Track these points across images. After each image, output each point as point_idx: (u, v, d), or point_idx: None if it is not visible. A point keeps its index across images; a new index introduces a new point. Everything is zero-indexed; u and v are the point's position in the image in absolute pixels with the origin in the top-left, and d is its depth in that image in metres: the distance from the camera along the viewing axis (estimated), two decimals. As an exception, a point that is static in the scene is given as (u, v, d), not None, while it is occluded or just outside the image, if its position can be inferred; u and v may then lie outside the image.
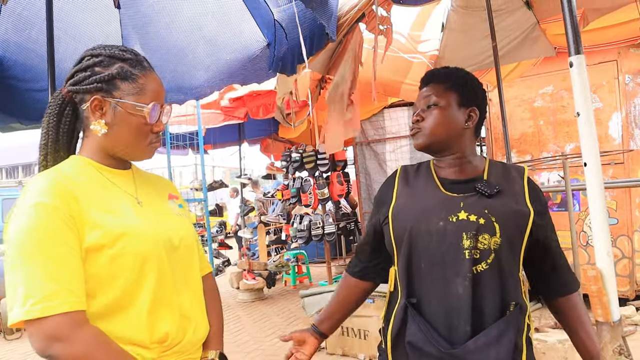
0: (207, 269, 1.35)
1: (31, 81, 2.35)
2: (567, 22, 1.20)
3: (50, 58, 1.79)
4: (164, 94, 1.19)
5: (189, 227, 1.25)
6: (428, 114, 1.30)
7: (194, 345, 1.17)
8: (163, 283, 1.08)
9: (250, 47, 2.52)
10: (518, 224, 1.22)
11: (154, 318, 1.06)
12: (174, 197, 1.30)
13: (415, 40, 3.98)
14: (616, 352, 1.09)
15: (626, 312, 4.20)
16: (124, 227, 1.04)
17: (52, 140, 1.15)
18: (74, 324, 0.94)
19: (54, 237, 0.96)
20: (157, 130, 1.15)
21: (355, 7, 2.54)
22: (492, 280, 1.19)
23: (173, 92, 2.70)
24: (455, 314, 1.18)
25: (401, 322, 1.24)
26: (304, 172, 5.57)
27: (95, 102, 1.10)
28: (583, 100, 1.15)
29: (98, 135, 1.11)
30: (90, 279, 1.00)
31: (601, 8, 3.08)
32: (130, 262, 1.03)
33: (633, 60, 4.41)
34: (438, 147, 1.31)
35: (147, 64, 1.16)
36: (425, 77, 1.38)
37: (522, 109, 5.00)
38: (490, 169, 1.32)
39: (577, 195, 4.66)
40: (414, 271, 1.25)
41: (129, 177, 1.20)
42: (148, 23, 2.36)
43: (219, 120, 5.70)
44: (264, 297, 6.65)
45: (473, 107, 1.31)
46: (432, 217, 1.23)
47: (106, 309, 1.02)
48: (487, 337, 1.14)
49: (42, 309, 0.91)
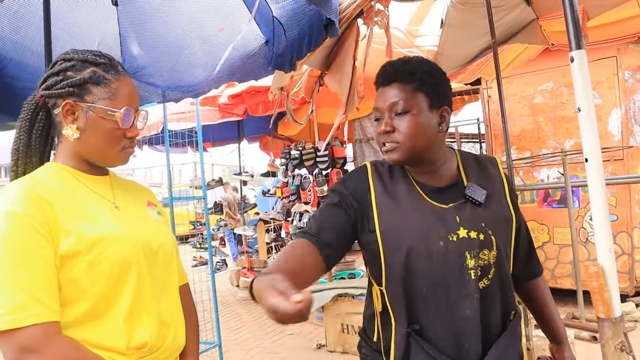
0: (184, 280, 1.33)
1: (27, 80, 2.33)
2: (568, 17, 1.19)
3: (48, 56, 1.78)
4: (137, 99, 1.17)
5: (168, 234, 1.23)
6: (399, 122, 1.16)
7: (173, 352, 1.16)
8: (142, 288, 1.07)
9: (248, 44, 2.51)
10: (507, 230, 1.20)
11: (132, 324, 1.04)
12: (153, 204, 1.28)
13: (413, 35, 3.96)
14: (618, 348, 1.09)
15: (626, 308, 4.20)
16: (100, 232, 1.03)
17: (24, 145, 1.13)
18: (46, 335, 0.92)
19: (25, 247, 0.94)
20: (131, 135, 1.14)
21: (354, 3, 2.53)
22: (495, 294, 1.16)
23: (170, 90, 2.68)
24: (464, 335, 1.12)
25: (404, 351, 1.13)
26: (303, 170, 5.56)
27: (67, 106, 1.09)
28: (584, 95, 1.14)
29: (70, 141, 1.10)
30: (68, 285, 0.99)
31: (601, 5, 3.07)
32: (108, 267, 1.02)
33: (632, 56, 4.40)
34: (417, 159, 1.20)
35: (121, 68, 1.14)
36: (385, 72, 1.20)
37: (522, 105, 4.99)
38: (466, 168, 1.25)
39: (576, 192, 4.65)
40: (414, 296, 1.14)
41: (107, 182, 1.19)
42: (146, 20, 2.35)
43: (217, 117, 5.69)
44: (263, 295, 6.65)
45: (444, 106, 1.20)
46: (430, 236, 1.13)
47: (83, 316, 1.00)
48: (498, 350, 1.12)
49: (10, 321, 0.90)
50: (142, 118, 1.18)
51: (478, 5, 2.96)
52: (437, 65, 1.23)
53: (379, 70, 1.23)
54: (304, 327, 4.91)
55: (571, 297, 4.58)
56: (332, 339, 4.15)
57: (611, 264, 1.11)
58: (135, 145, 1.20)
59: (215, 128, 6.21)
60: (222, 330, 4.00)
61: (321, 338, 4.44)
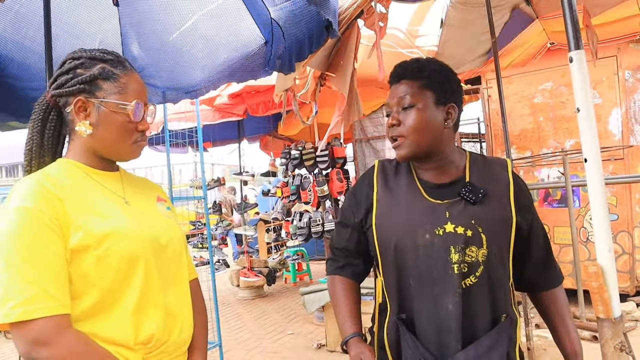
0: (193, 274, 1.34)
1: (28, 80, 2.34)
2: (567, 17, 1.19)
3: (48, 56, 1.78)
4: (146, 94, 1.19)
5: (177, 229, 1.25)
6: (405, 116, 1.22)
7: (179, 346, 1.16)
8: (150, 282, 1.08)
9: (248, 45, 2.51)
10: (504, 232, 1.19)
11: (139, 318, 1.06)
12: (162, 199, 1.30)
13: (413, 35, 3.97)
14: (617, 348, 1.09)
15: (626, 308, 4.21)
16: (109, 227, 1.04)
17: (37, 145, 1.15)
18: (56, 328, 0.94)
19: (35, 242, 0.96)
20: (142, 128, 1.16)
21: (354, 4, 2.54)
22: (482, 293, 1.16)
23: (170, 90, 2.69)
24: (445, 331, 1.14)
25: (395, 338, 1.21)
26: (303, 169, 5.56)
27: (79, 103, 1.11)
28: (583, 95, 1.15)
29: (83, 137, 1.12)
30: (78, 279, 1.01)
31: (601, 4, 3.07)
32: (116, 261, 1.03)
33: (632, 55, 4.40)
34: (423, 154, 1.24)
35: (128, 64, 1.17)
36: (395, 71, 1.28)
37: (522, 105, 4.99)
38: (472, 167, 1.27)
39: (577, 192, 4.66)
40: (403, 287, 1.21)
41: (117, 178, 1.20)
42: (146, 20, 2.35)
43: (217, 117, 5.69)
44: (264, 295, 6.66)
45: (451, 103, 1.24)
46: (417, 229, 1.18)
47: (91, 310, 1.02)
48: (477, 348, 1.11)
49: (21, 313, 0.92)
50: (151, 113, 1.20)
51: (478, 5, 2.96)
52: (447, 65, 1.28)
53: (392, 70, 1.29)
54: (305, 327, 4.92)
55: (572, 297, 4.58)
56: (333, 339, 4.15)
57: (611, 264, 1.11)
58: (147, 139, 1.22)
59: (215, 128, 6.21)
60: (222, 330, 4.01)
61: (322, 338, 4.45)
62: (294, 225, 5.58)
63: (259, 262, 6.78)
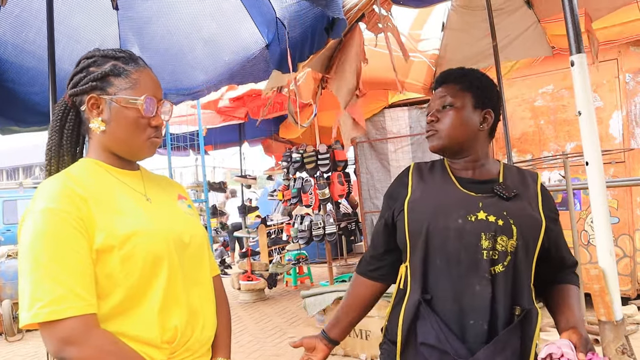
0: (215, 271, 1.35)
1: (28, 84, 2.34)
2: (568, 21, 1.19)
3: (51, 60, 1.78)
4: (160, 90, 1.19)
5: (199, 226, 1.25)
6: (443, 114, 1.29)
7: (202, 344, 1.16)
8: (173, 281, 1.09)
9: (248, 47, 2.51)
10: (533, 229, 1.21)
11: (164, 316, 1.06)
12: (183, 197, 1.30)
13: (415, 39, 3.98)
14: (619, 351, 1.09)
15: (628, 311, 4.19)
16: (133, 227, 1.05)
17: (56, 145, 1.17)
18: (85, 327, 0.95)
19: (62, 242, 0.97)
20: (155, 124, 1.15)
21: (355, 7, 2.54)
22: (507, 283, 1.17)
23: (171, 93, 2.70)
24: (470, 312, 1.16)
25: (412, 318, 1.21)
26: (304, 173, 5.56)
27: (92, 100, 1.12)
28: (584, 99, 1.15)
29: (98, 134, 1.13)
30: (103, 279, 1.01)
31: (602, 8, 3.08)
32: (141, 261, 1.04)
33: (633, 58, 4.40)
34: (454, 149, 1.30)
35: (141, 61, 1.17)
36: (440, 77, 1.37)
37: (523, 108, 4.99)
38: (506, 173, 1.32)
39: (578, 195, 4.65)
40: (429, 266, 1.22)
41: (138, 176, 1.21)
42: (146, 24, 2.36)
43: (218, 120, 5.70)
44: (265, 298, 6.65)
45: (488, 109, 1.30)
46: (450, 213, 1.22)
47: (118, 309, 1.03)
48: (495, 346, 1.13)
49: (49, 313, 0.93)
50: (167, 110, 1.20)
51: (479, 8, 2.97)
52: (488, 76, 1.36)
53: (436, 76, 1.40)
54: (306, 330, 4.91)
55: (573, 300, 4.56)
56: (334, 342, 4.14)
57: (612, 267, 1.11)
58: (162, 136, 1.21)
59: (216, 131, 6.22)
60: (223, 333, 3.99)
61: (322, 341, 4.43)
62: (295, 228, 5.58)
63: (259, 266, 6.77)
